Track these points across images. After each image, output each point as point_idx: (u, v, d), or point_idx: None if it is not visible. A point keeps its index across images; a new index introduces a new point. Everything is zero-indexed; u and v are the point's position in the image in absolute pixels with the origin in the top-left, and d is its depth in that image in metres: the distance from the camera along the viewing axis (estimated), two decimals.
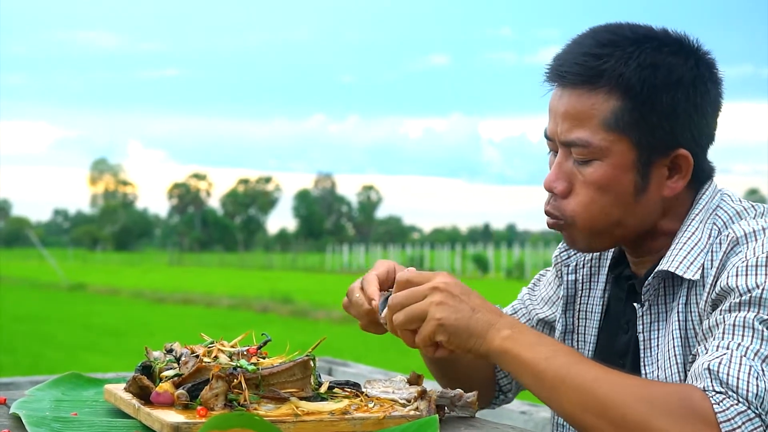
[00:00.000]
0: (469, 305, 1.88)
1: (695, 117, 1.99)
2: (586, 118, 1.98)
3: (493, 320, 1.87)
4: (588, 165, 1.99)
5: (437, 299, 1.88)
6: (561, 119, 2.01)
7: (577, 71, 1.99)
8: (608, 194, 2.00)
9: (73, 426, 1.88)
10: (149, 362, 2.01)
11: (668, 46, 2.00)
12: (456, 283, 1.91)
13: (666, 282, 2.03)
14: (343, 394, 1.97)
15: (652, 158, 1.99)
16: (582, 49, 2.01)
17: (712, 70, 2.04)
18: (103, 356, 15.35)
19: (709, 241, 1.99)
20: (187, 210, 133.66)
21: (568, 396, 1.78)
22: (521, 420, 3.27)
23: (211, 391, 1.82)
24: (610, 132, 1.97)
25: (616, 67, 1.96)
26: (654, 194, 2.02)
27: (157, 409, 1.83)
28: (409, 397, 1.97)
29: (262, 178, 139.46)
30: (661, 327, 2.04)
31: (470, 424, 1.99)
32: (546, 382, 1.81)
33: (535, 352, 1.82)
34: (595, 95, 1.97)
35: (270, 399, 1.85)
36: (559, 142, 2.03)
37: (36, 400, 2.11)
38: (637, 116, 1.96)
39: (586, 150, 1.98)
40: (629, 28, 2.02)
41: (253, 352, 2.00)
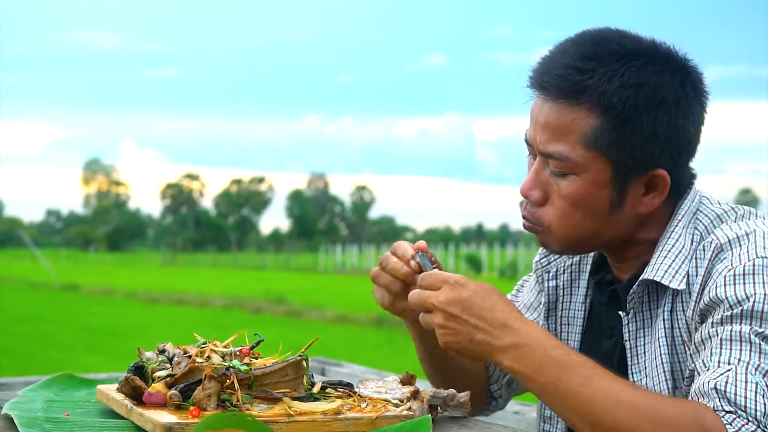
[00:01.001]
0: (470, 326, 1.89)
1: (675, 138, 1.97)
2: (566, 132, 1.97)
3: (493, 341, 1.87)
4: (564, 178, 1.99)
5: (438, 321, 1.92)
6: (541, 129, 2.00)
7: (559, 84, 1.97)
8: (583, 208, 1.99)
9: (66, 427, 1.87)
10: (142, 363, 2.01)
11: (654, 63, 1.97)
12: (457, 300, 1.90)
13: (650, 289, 2.03)
14: (335, 395, 1.97)
15: (628, 177, 1.98)
16: (566, 59, 1.98)
17: (698, 87, 2.01)
18: (96, 357, 15.34)
19: (692, 247, 1.98)
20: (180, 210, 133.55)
21: (580, 418, 1.80)
22: (514, 420, 3.27)
23: (203, 392, 1.82)
24: (589, 149, 1.96)
25: (599, 85, 1.94)
26: (629, 210, 2.01)
27: (150, 409, 1.83)
28: (402, 397, 1.97)
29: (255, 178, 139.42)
30: (647, 334, 2.04)
31: (463, 424, 1.99)
32: (557, 405, 1.84)
33: (545, 374, 1.83)
34: (576, 110, 1.96)
35: (263, 399, 1.85)
36: (537, 151, 2.02)
37: (28, 400, 2.11)
38: (617, 136, 1.95)
39: (563, 164, 1.98)
40: (616, 40, 1.99)
41: (245, 352, 2.00)
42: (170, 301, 28.39)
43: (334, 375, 3.61)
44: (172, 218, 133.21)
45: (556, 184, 2.00)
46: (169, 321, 21.75)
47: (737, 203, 2.09)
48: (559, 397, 1.82)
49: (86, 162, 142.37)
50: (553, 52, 2.03)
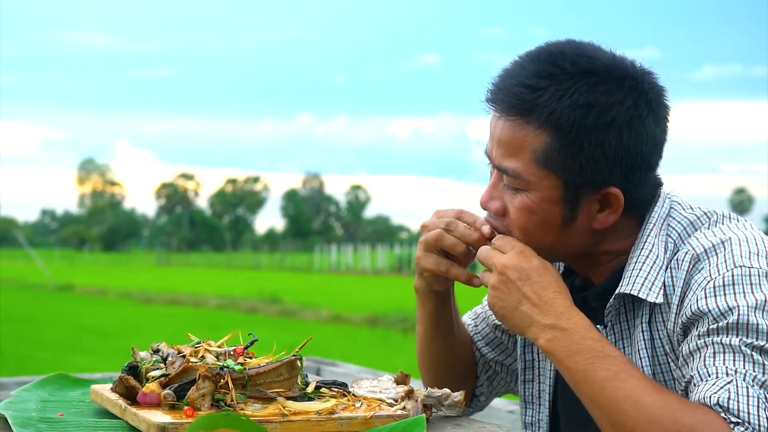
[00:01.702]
0: (519, 294, 1.94)
1: (627, 157, 1.96)
2: (518, 149, 1.98)
3: (535, 317, 1.92)
4: (517, 193, 2.00)
5: (493, 281, 1.98)
6: (496, 144, 2.02)
7: (511, 101, 1.98)
8: (536, 223, 2.00)
9: (60, 426, 1.87)
10: (136, 362, 2.01)
11: (607, 82, 1.95)
12: (516, 267, 1.95)
13: (626, 300, 2.03)
14: (330, 394, 1.97)
15: (580, 195, 1.98)
16: (521, 77, 1.98)
17: (654, 105, 1.99)
18: (90, 356, 15.32)
19: (666, 255, 1.98)
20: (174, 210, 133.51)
21: (602, 412, 1.82)
22: (509, 419, 3.26)
23: (197, 391, 1.82)
24: (539, 167, 1.97)
25: (549, 104, 1.94)
26: (583, 225, 2.01)
27: (144, 409, 1.83)
28: (396, 397, 1.97)
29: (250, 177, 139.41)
30: (626, 345, 2.03)
31: (457, 423, 1.99)
32: (583, 394, 1.86)
33: (574, 361, 1.86)
34: (527, 128, 1.96)
35: (257, 399, 1.85)
36: (494, 165, 2.04)
37: (22, 400, 2.11)
38: (565, 155, 1.95)
39: (516, 181, 1.99)
40: (572, 58, 1.97)
41: (239, 352, 1.99)
42: (164, 301, 28.38)
43: (329, 375, 3.61)
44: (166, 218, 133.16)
45: (510, 198, 2.02)
46: (164, 321, 21.73)
47: (732, 202, 2.09)
48: (586, 388, 1.85)
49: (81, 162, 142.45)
50: (510, 67, 2.02)
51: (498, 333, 2.38)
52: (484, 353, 2.40)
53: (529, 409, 2.27)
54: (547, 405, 2.23)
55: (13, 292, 33.81)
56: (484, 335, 2.40)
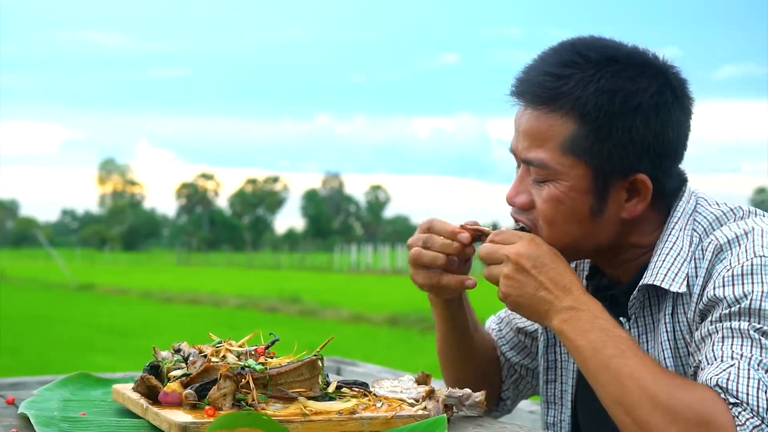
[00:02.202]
0: (536, 282, 1.95)
1: (654, 143, 1.97)
2: (545, 139, 1.98)
3: (554, 301, 1.93)
4: (545, 185, 2.00)
5: (506, 271, 1.97)
6: (522, 137, 2.02)
7: (536, 91, 1.99)
8: (564, 214, 2.00)
9: (82, 426, 1.88)
10: (157, 362, 2.01)
11: (631, 69, 1.97)
12: (530, 255, 1.95)
13: (650, 293, 2.03)
14: (351, 394, 1.97)
15: (608, 183, 1.98)
16: (545, 67, 2.00)
17: (679, 93, 2.00)
18: (110, 356, 15.36)
19: (691, 249, 1.98)
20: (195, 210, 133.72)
21: (606, 388, 1.84)
22: (530, 419, 3.26)
23: (219, 391, 1.82)
24: (567, 156, 1.97)
25: (574, 91, 1.95)
26: (612, 215, 2.01)
27: (165, 408, 1.83)
28: (417, 397, 1.96)
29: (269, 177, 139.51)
30: (649, 339, 2.04)
31: (478, 423, 1.99)
32: (590, 371, 1.88)
33: (587, 339, 1.88)
34: (553, 117, 1.97)
35: (278, 399, 1.85)
36: (519, 158, 2.04)
37: (44, 399, 2.11)
38: (593, 142, 1.95)
39: (543, 171, 1.99)
40: (595, 48, 1.99)
41: (261, 351, 2.00)
42: (185, 300, 28.44)
43: (350, 374, 3.61)
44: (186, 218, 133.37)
45: (538, 190, 2.01)
46: (184, 320, 21.78)
47: (753, 202, 2.09)
48: (593, 364, 1.86)
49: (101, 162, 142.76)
50: (535, 60, 2.04)
51: (521, 337, 2.38)
52: (509, 357, 2.40)
53: (551, 409, 2.27)
54: (569, 405, 2.23)
55: (35, 291, 33.96)
56: (509, 339, 2.40)
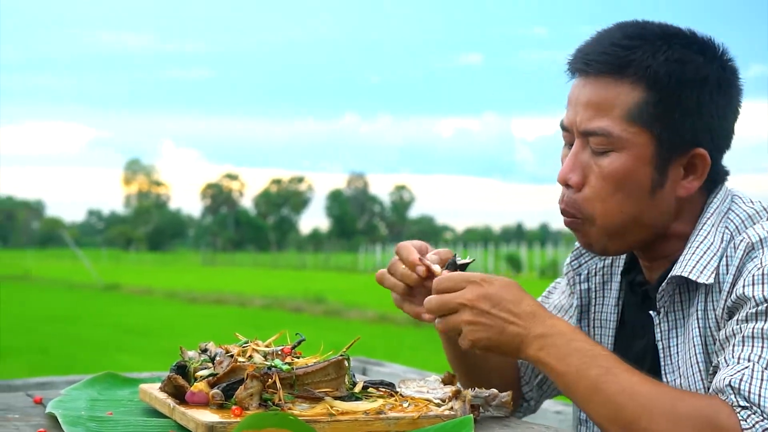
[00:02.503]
0: (500, 319, 1.90)
1: (717, 118, 1.98)
2: (609, 108, 1.96)
3: (523, 333, 1.89)
4: (606, 156, 1.98)
5: (467, 318, 1.92)
6: (582, 108, 2.00)
7: (604, 60, 1.97)
8: (624, 188, 1.98)
9: (109, 425, 1.88)
10: (184, 362, 2.01)
11: (696, 45, 1.99)
12: (485, 295, 1.91)
13: (681, 288, 2.01)
14: (377, 394, 1.97)
15: (671, 154, 1.97)
16: (610, 40, 2.00)
17: (736, 76, 2.02)
18: (136, 356, 15.41)
19: (722, 245, 1.97)
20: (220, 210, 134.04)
21: (597, 409, 1.81)
22: (556, 420, 3.26)
23: (245, 391, 1.82)
24: (632, 124, 1.96)
25: (644, 59, 1.95)
26: (669, 193, 2.00)
27: (192, 408, 1.84)
28: (444, 397, 1.96)
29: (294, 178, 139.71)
30: (679, 334, 2.02)
31: (505, 423, 1.98)
32: (578, 395, 1.85)
33: (567, 364, 1.85)
34: (620, 85, 1.96)
35: (304, 398, 1.85)
36: (577, 131, 2.01)
37: (71, 399, 2.12)
38: (661, 110, 1.95)
39: (606, 140, 1.97)
40: (657, 25, 2.02)
41: (287, 351, 2.00)
42: (210, 300, 28.51)
43: (375, 374, 3.61)
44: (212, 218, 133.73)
45: (596, 164, 1.99)
46: (209, 321, 21.83)
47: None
48: (580, 389, 1.83)
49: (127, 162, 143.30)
50: (594, 36, 2.04)
51: None
52: None
53: (583, 427, 2.25)
54: None
55: (61, 291, 34.12)
56: None
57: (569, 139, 2.05)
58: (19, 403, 2.16)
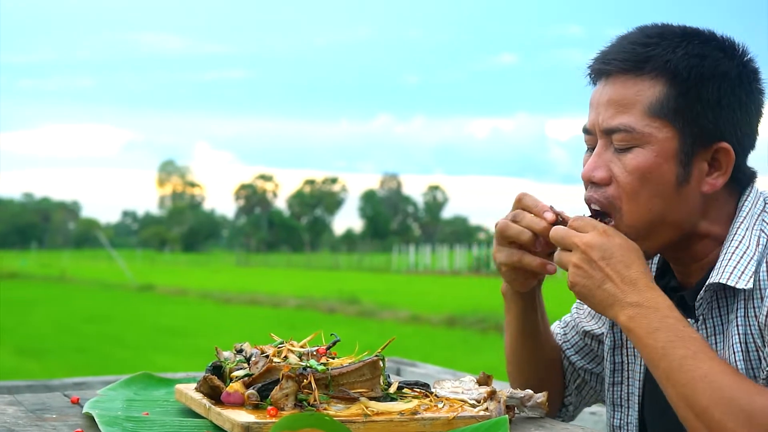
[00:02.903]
0: (603, 274, 1.92)
1: (739, 112, 1.97)
2: (631, 104, 1.97)
3: (618, 295, 1.91)
4: (629, 152, 1.97)
5: (574, 260, 1.95)
6: (604, 107, 2.00)
7: (623, 58, 1.99)
8: (649, 183, 1.97)
9: (145, 425, 1.89)
10: (219, 362, 2.02)
11: (715, 41, 1.99)
12: (600, 245, 1.93)
13: (719, 294, 2.00)
14: (412, 395, 1.96)
15: (694, 148, 1.96)
16: (629, 40, 2.01)
17: (757, 75, 2.03)
18: (171, 356, 15.48)
19: (759, 249, 1.95)
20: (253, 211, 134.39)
21: (676, 390, 1.82)
22: (591, 421, 3.25)
23: (281, 391, 1.82)
24: (654, 118, 1.96)
25: (663, 54, 1.96)
26: (694, 189, 1.99)
27: (228, 408, 1.84)
28: (479, 398, 1.96)
29: (328, 178, 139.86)
30: (719, 340, 2.00)
31: (540, 424, 1.98)
32: (659, 371, 1.86)
33: (654, 338, 1.85)
34: (640, 81, 1.97)
35: (340, 399, 1.85)
36: (600, 130, 2.01)
37: (108, 399, 2.13)
38: (682, 103, 1.95)
39: (629, 136, 1.97)
40: (677, 26, 2.03)
41: (322, 352, 2.00)
42: (244, 301, 28.59)
43: (409, 375, 3.61)
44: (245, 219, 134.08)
45: (620, 160, 1.98)
46: (243, 321, 21.90)
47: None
48: (663, 365, 1.84)
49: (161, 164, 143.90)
50: (614, 39, 2.06)
51: (588, 340, 2.36)
52: (573, 362, 2.38)
53: (618, 412, 2.25)
54: (636, 408, 2.20)
55: (96, 292, 34.30)
56: (574, 343, 2.39)
57: (592, 142, 2.05)
58: (57, 403, 2.17)
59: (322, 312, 24.67)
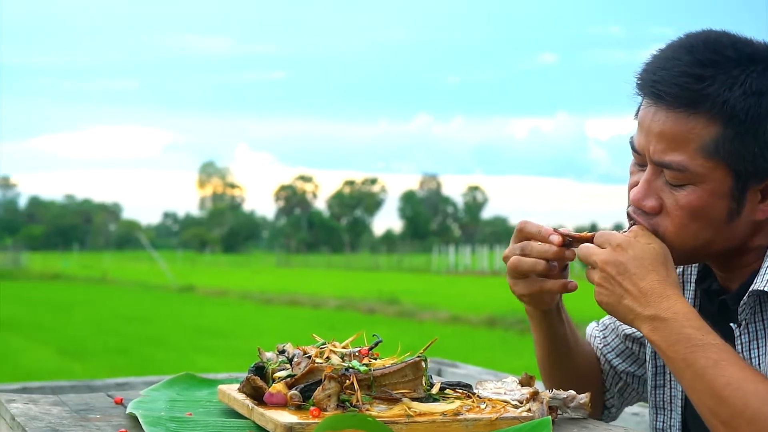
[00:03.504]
0: (621, 289, 1.92)
1: None
2: (684, 142, 1.91)
3: (637, 309, 1.90)
4: (682, 189, 1.93)
5: (596, 278, 1.96)
6: (655, 139, 1.94)
7: (677, 93, 1.90)
8: (701, 220, 1.94)
9: (189, 426, 1.89)
10: (262, 363, 2.02)
11: None
12: (614, 262, 1.92)
13: (762, 298, 1.98)
14: (454, 395, 1.96)
15: (748, 184, 1.93)
16: (681, 67, 1.91)
17: None
18: (211, 357, 15.54)
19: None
20: (293, 212, 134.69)
21: (701, 399, 1.81)
22: (633, 422, 3.23)
23: (323, 392, 1.83)
24: (708, 158, 1.90)
25: (720, 93, 1.88)
26: (746, 217, 1.96)
27: (271, 409, 1.84)
28: (521, 399, 1.95)
29: (367, 179, 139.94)
30: (760, 345, 1.98)
31: (583, 425, 1.97)
32: (684, 382, 1.85)
33: (674, 351, 1.85)
34: (694, 119, 1.89)
35: (382, 400, 1.85)
36: (651, 160, 1.96)
37: (151, 400, 2.14)
38: (739, 145, 1.89)
39: (682, 174, 1.92)
40: (730, 45, 1.92)
41: (364, 353, 2.00)
42: (284, 302, 28.66)
43: (450, 376, 3.60)
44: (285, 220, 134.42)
45: (672, 195, 1.95)
46: (284, 322, 21.96)
47: None
48: (688, 377, 1.83)
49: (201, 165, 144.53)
50: (662, 57, 1.96)
51: (629, 343, 2.35)
52: (614, 365, 2.37)
53: (660, 415, 2.23)
54: (679, 410, 2.19)
55: (137, 293, 34.50)
56: (614, 347, 2.37)
57: (640, 160, 2.01)
58: (100, 403, 2.19)
59: (362, 313, 24.69)
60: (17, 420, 1.99)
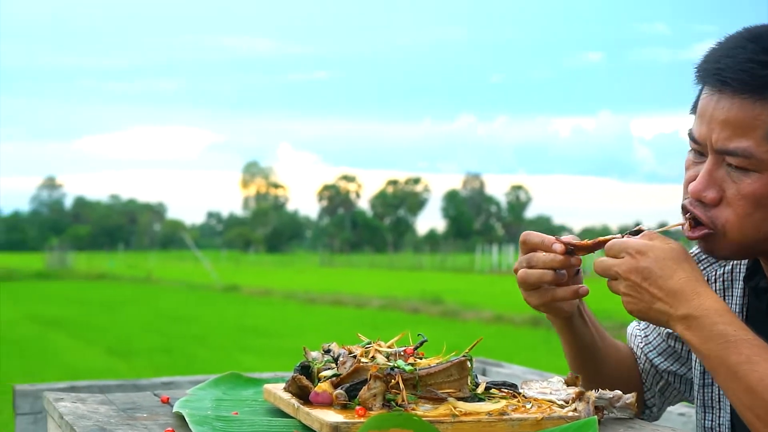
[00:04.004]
0: (650, 294, 1.91)
1: None
2: (750, 128, 1.89)
3: (669, 311, 1.89)
4: (746, 176, 1.92)
5: (622, 289, 1.95)
6: (719, 126, 1.93)
7: (742, 78, 1.89)
8: (764, 209, 1.92)
9: (235, 425, 1.91)
10: (308, 362, 2.03)
11: None
12: (637, 269, 1.91)
13: None
14: (500, 395, 1.96)
15: None
16: (746, 54, 1.91)
17: None
18: (256, 356, 15.60)
19: None
20: (337, 211, 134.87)
21: (736, 394, 1.81)
22: (680, 422, 3.21)
23: (369, 391, 1.83)
24: None
25: None
26: None
27: (316, 408, 1.85)
28: (567, 398, 1.95)
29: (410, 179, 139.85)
30: None
31: (629, 426, 1.97)
32: (719, 379, 1.84)
33: (708, 349, 1.84)
34: (760, 105, 1.88)
35: (427, 399, 1.85)
36: (713, 149, 1.95)
37: (197, 399, 2.15)
38: None
39: (747, 161, 1.91)
40: None
41: (410, 352, 2.00)
42: (328, 301, 28.71)
43: (495, 375, 3.60)
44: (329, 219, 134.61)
45: (735, 183, 1.93)
46: (327, 321, 22.00)
47: None
48: (722, 373, 1.83)
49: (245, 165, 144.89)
50: (725, 47, 1.96)
51: (671, 342, 2.33)
52: (655, 364, 2.36)
53: (709, 414, 2.22)
54: (727, 409, 2.17)
55: (182, 292, 34.69)
56: (656, 345, 2.36)
57: (700, 149, 2.00)
58: (147, 402, 2.20)
59: (406, 312, 24.70)
60: (65, 419, 2.01)
